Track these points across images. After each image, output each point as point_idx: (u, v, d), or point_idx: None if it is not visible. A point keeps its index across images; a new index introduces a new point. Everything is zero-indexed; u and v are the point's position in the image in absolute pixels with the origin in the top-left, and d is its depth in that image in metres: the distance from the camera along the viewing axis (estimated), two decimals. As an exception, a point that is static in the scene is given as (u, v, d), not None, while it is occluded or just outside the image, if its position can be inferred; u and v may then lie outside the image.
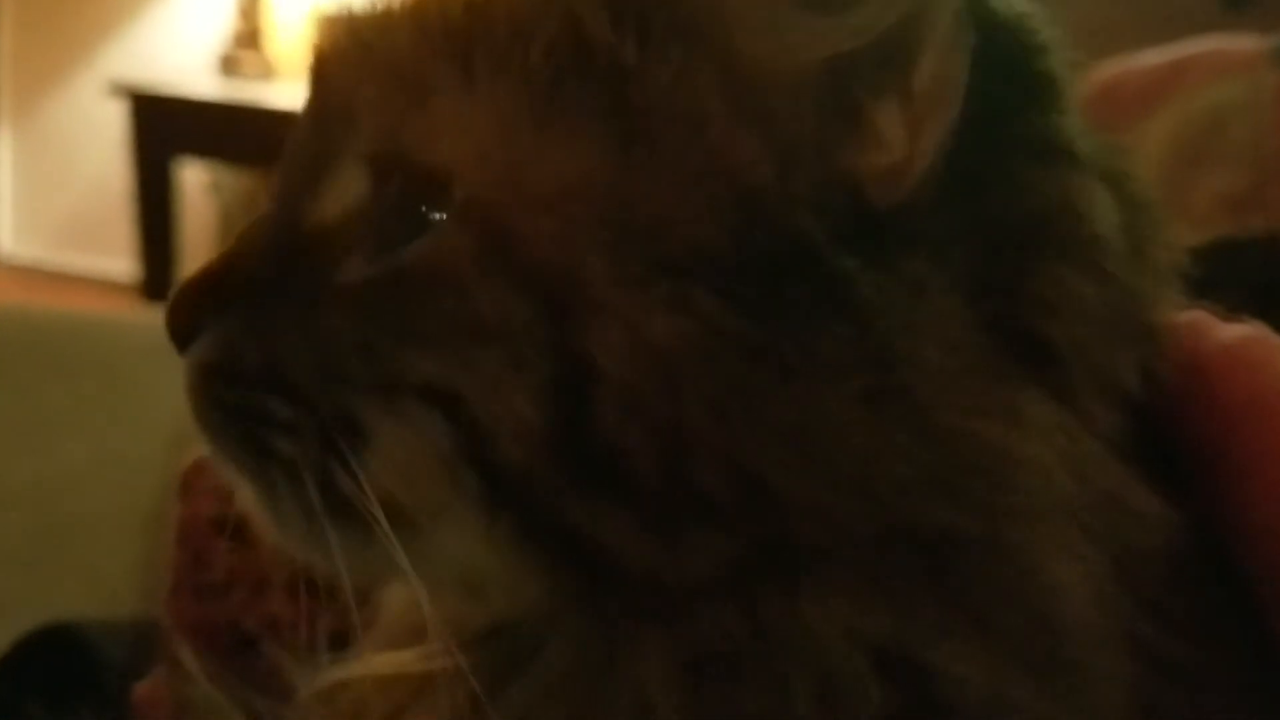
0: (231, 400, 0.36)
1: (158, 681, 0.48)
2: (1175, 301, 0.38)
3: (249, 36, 3.43)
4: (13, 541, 0.99)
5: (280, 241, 0.37)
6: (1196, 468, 0.35)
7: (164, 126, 3.02)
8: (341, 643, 0.41)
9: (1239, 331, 0.36)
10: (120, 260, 3.64)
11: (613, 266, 0.33)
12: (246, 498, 0.38)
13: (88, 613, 0.67)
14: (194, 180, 3.39)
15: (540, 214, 0.33)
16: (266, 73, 3.37)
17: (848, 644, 0.31)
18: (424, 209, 0.35)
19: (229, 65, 3.42)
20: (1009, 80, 0.34)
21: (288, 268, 0.36)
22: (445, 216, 0.34)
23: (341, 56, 0.38)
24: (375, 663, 0.39)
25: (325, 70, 0.39)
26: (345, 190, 0.36)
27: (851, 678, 0.31)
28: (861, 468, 0.32)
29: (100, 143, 3.65)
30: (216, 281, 0.37)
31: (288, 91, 3.08)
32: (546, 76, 0.34)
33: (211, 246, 3.51)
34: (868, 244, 0.33)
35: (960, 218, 0.33)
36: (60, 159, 4.04)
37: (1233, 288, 0.40)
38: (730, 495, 0.32)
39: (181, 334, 0.37)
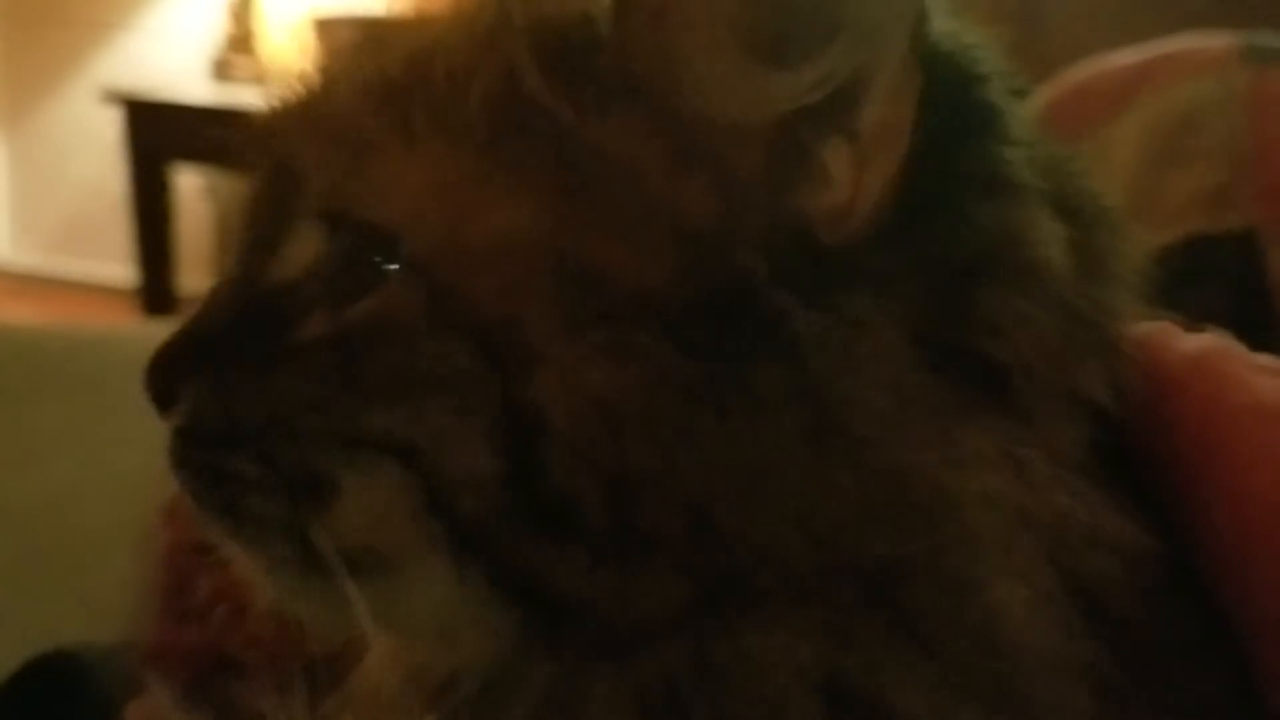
0: (205, 462, 0.37)
1: (144, 705, 0.48)
2: (1140, 309, 0.38)
3: (241, 41, 3.43)
4: (4, 558, 0.99)
5: (242, 302, 0.38)
6: (1162, 481, 0.35)
7: (158, 132, 3.02)
8: (320, 669, 0.42)
9: (1199, 343, 0.36)
10: (116, 266, 3.64)
11: (553, 317, 0.33)
12: (234, 557, 0.38)
13: (79, 633, 0.67)
14: (189, 185, 3.39)
15: (480, 268, 0.34)
16: (259, 77, 3.37)
17: (794, 678, 0.31)
18: (376, 263, 0.35)
19: (221, 70, 3.41)
20: (951, 113, 0.34)
21: (249, 328, 0.37)
22: (394, 270, 0.35)
23: (287, 119, 0.39)
24: None
25: (272, 134, 0.39)
26: (301, 249, 0.37)
27: (799, 712, 0.31)
28: (802, 504, 0.32)
29: (94, 149, 3.65)
30: (186, 346, 0.38)
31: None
32: (484, 133, 0.35)
33: (208, 250, 3.51)
34: (809, 283, 0.33)
35: (904, 253, 0.34)
36: (55, 166, 4.04)
37: (1207, 284, 0.40)
38: (677, 534, 0.32)
39: (160, 400, 0.38)
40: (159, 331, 0.39)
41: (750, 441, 0.32)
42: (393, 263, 0.35)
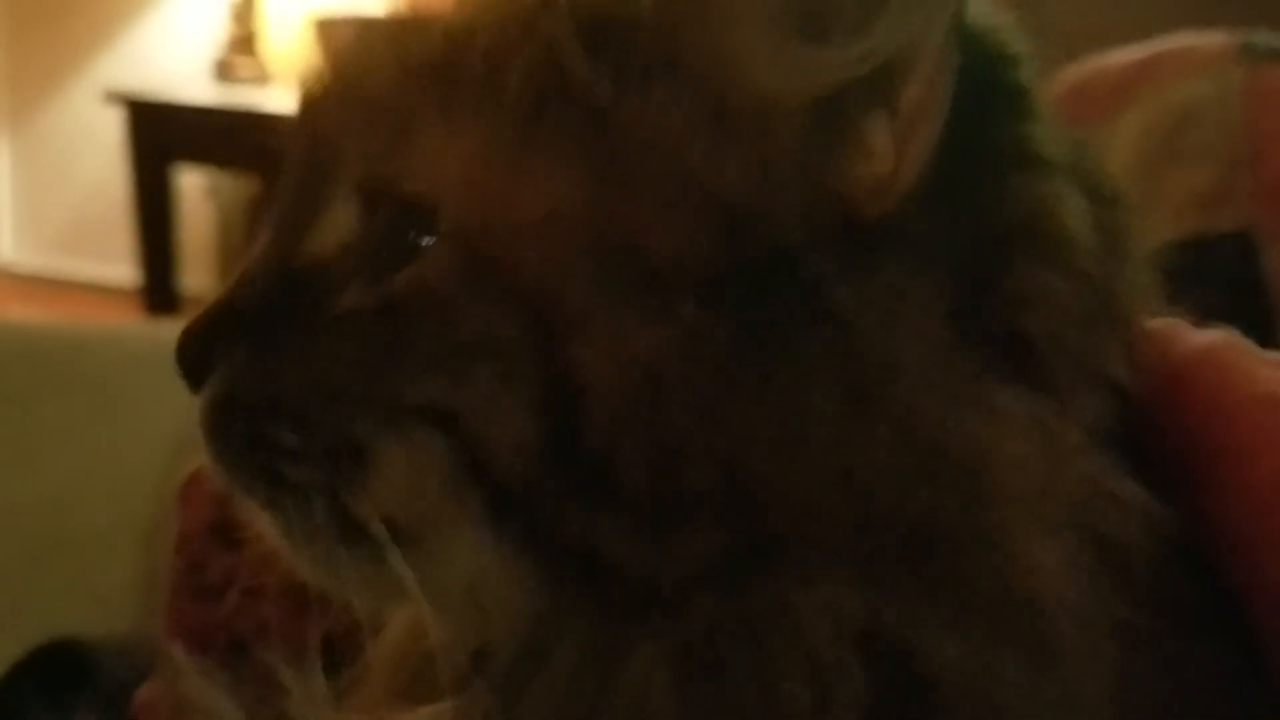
0: (241, 433, 0.37)
1: (155, 688, 0.49)
2: (1153, 291, 0.39)
3: (243, 41, 3.43)
4: (9, 557, 1.00)
5: (279, 276, 0.38)
6: (1173, 470, 0.36)
7: (161, 133, 3.02)
8: (334, 649, 0.43)
9: (1209, 337, 0.37)
10: (120, 266, 3.64)
11: (594, 285, 0.34)
12: (266, 528, 0.39)
13: (84, 628, 0.67)
14: (192, 185, 3.40)
15: (522, 238, 0.34)
16: (261, 77, 3.37)
17: (832, 629, 0.32)
18: (413, 236, 0.36)
19: (224, 70, 3.42)
20: (985, 92, 0.35)
21: (287, 302, 0.38)
22: (433, 242, 0.35)
23: (326, 94, 0.40)
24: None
25: (311, 107, 0.40)
26: (338, 224, 0.38)
27: (836, 661, 0.32)
28: (843, 463, 0.33)
29: (97, 150, 3.66)
30: (220, 320, 0.38)
31: (283, 96, 3.09)
32: (524, 106, 0.35)
33: (211, 251, 3.52)
34: (849, 252, 0.34)
35: (939, 226, 0.35)
36: (58, 167, 4.04)
37: (1205, 283, 0.41)
38: (718, 494, 0.33)
39: (193, 374, 0.38)
40: (162, 330, 0.39)
41: (789, 403, 0.33)
42: (430, 236, 0.35)
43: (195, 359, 0.38)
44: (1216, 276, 0.61)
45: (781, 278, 0.34)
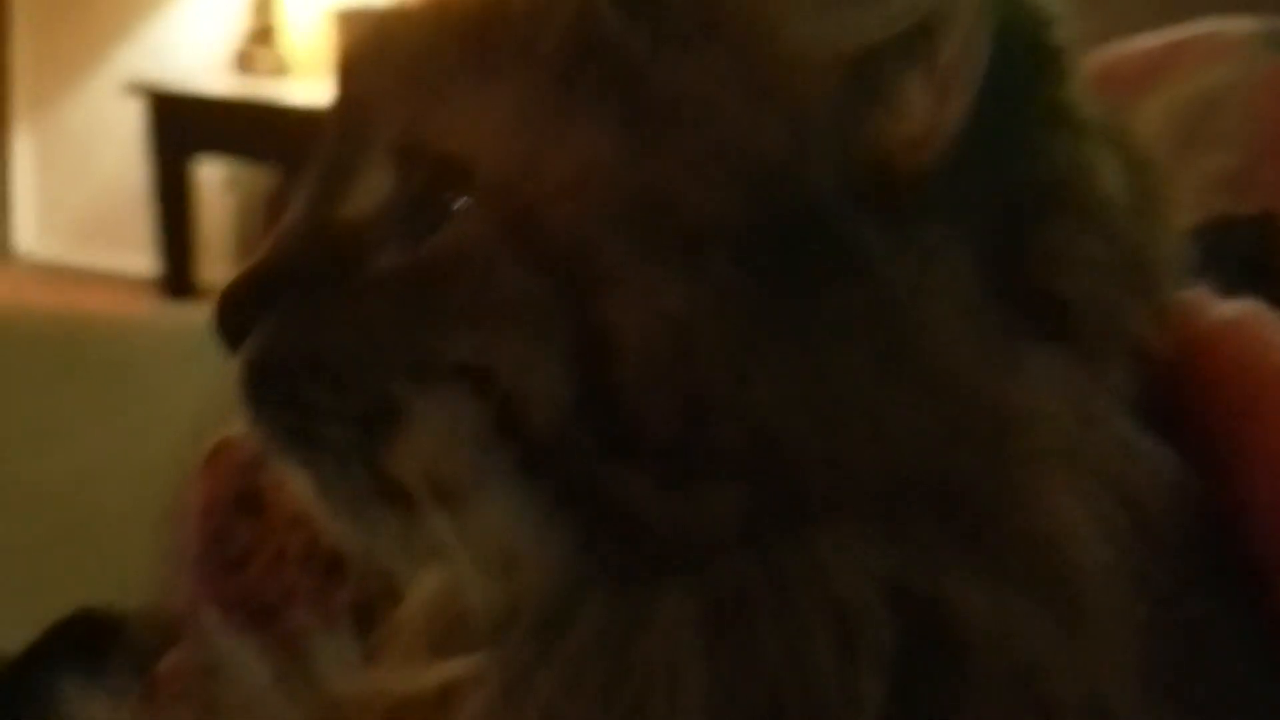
0: (278, 393, 0.38)
1: (178, 657, 0.49)
2: (1181, 261, 0.39)
3: (262, 33, 3.45)
4: (30, 536, 1.01)
5: (315, 239, 0.39)
6: (1197, 439, 0.36)
7: (180, 124, 3.04)
8: (360, 615, 0.43)
9: (1235, 309, 0.38)
10: (138, 257, 3.65)
11: (628, 242, 0.34)
12: (301, 489, 0.39)
13: (106, 603, 0.68)
14: (211, 177, 3.41)
15: (556, 197, 0.35)
16: (280, 69, 3.38)
17: (860, 581, 0.33)
18: (448, 196, 0.36)
19: (243, 62, 3.43)
20: (1021, 52, 0.36)
21: (324, 264, 0.38)
22: (468, 202, 0.36)
23: (363, 56, 0.40)
24: (426, 675, 0.40)
25: (349, 71, 0.41)
26: (374, 185, 0.38)
27: (864, 612, 0.32)
28: (873, 420, 0.33)
29: (116, 141, 3.67)
30: (258, 283, 0.39)
31: (302, 88, 3.10)
32: (561, 65, 0.36)
33: (230, 242, 3.53)
34: (883, 212, 0.34)
35: (974, 185, 0.35)
36: (77, 157, 4.06)
37: (1226, 265, 0.41)
38: (747, 451, 0.34)
39: (231, 335, 0.39)
40: (181, 316, 0.40)
41: (820, 361, 0.33)
42: (465, 196, 0.36)
43: (233, 321, 0.39)
44: (1238, 259, 0.61)
45: (814, 236, 0.34)
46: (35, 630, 0.66)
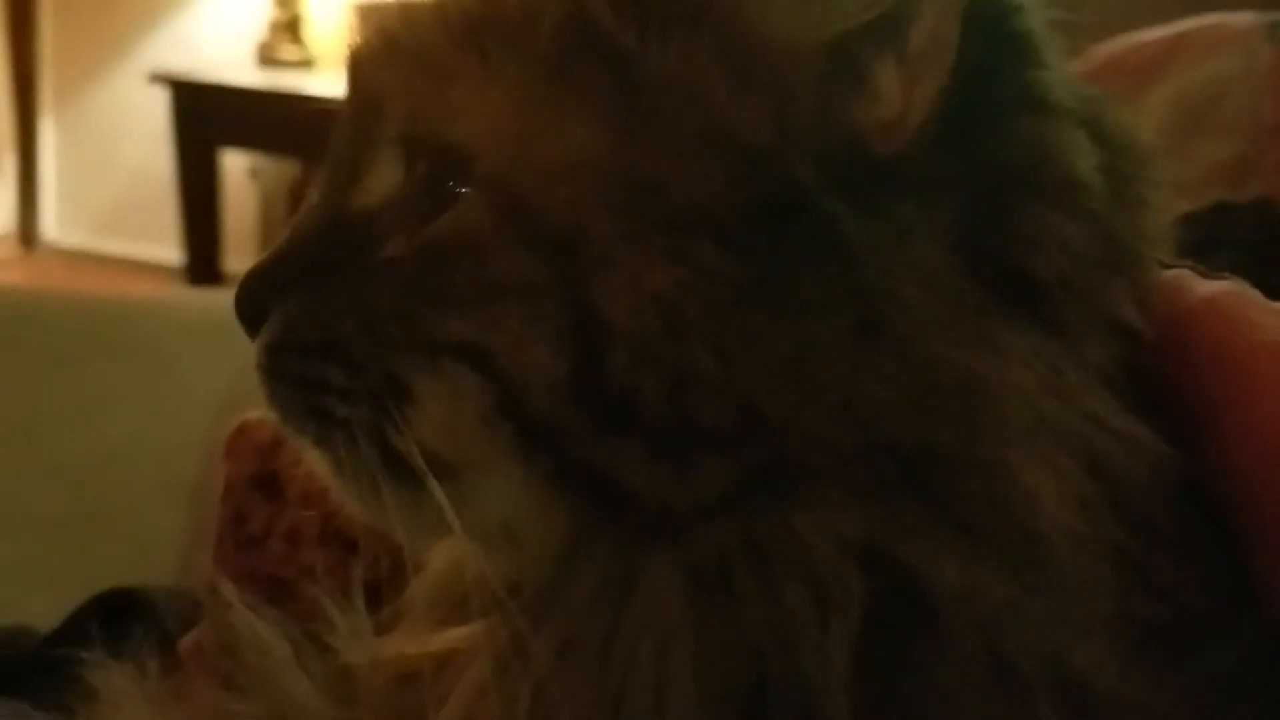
0: (295, 373, 0.40)
1: (201, 633, 0.51)
2: (1166, 240, 0.40)
3: (286, 26, 3.46)
4: (58, 513, 1.03)
5: (330, 228, 0.41)
6: (1180, 416, 0.37)
7: (205, 115, 3.05)
8: (373, 591, 0.45)
9: (1216, 286, 0.38)
10: (162, 246, 3.69)
11: (617, 226, 0.36)
12: (317, 465, 0.41)
13: (132, 579, 0.69)
14: (235, 166, 3.43)
15: (550, 183, 0.37)
16: (304, 61, 3.40)
17: (833, 546, 0.34)
18: (451, 185, 0.38)
19: (267, 54, 3.44)
20: (991, 38, 0.37)
21: (338, 251, 0.40)
22: (468, 190, 0.38)
23: (372, 53, 0.42)
24: (433, 641, 0.42)
25: (358, 66, 0.42)
26: (384, 176, 0.40)
27: (837, 574, 0.34)
28: (847, 393, 0.35)
29: (141, 131, 3.70)
30: (276, 269, 0.41)
31: (326, 80, 3.11)
32: (553, 58, 0.37)
33: (254, 231, 3.55)
34: (860, 193, 0.36)
35: (947, 167, 0.36)
36: (102, 147, 4.09)
37: (1228, 251, 0.42)
38: (731, 426, 0.35)
39: (251, 319, 0.41)
40: (207, 299, 0.41)
41: (799, 337, 0.35)
42: (464, 184, 0.38)
43: (252, 306, 0.41)
44: (1240, 245, 0.62)
45: (795, 218, 0.35)
46: (65, 602, 0.67)
